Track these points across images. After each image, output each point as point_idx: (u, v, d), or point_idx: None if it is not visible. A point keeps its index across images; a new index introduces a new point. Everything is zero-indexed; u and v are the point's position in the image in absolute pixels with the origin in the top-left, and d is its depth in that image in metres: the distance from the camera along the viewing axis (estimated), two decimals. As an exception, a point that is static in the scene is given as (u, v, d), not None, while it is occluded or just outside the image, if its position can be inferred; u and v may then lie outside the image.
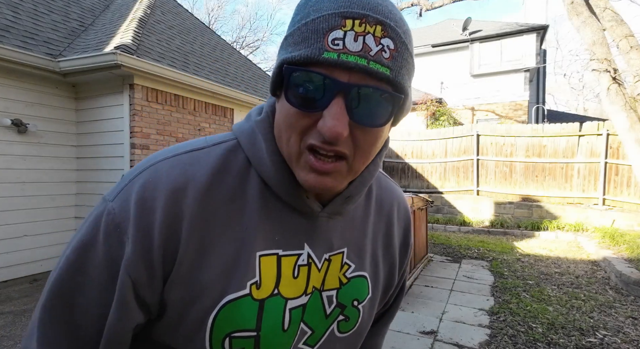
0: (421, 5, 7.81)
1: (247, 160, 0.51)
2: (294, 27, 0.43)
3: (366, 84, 0.40)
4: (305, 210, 0.51)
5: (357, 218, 0.59)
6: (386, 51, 0.40)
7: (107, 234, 0.44)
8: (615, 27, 4.49)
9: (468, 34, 13.34)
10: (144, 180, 0.46)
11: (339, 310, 0.56)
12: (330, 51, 0.39)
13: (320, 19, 0.40)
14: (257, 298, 0.48)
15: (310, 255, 0.52)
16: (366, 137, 0.43)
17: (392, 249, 0.65)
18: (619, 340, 2.90)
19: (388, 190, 0.66)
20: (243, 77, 6.79)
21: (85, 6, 5.89)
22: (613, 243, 5.69)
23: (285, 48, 0.43)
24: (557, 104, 27.19)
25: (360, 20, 0.39)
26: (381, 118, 0.43)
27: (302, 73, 0.40)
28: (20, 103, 4.12)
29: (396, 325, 3.13)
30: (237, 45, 24.22)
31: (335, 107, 0.40)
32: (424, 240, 5.20)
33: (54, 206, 4.47)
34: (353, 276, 0.57)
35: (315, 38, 0.40)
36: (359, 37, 0.39)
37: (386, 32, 0.40)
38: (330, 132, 0.40)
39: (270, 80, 0.46)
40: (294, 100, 0.42)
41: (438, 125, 11.67)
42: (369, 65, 0.39)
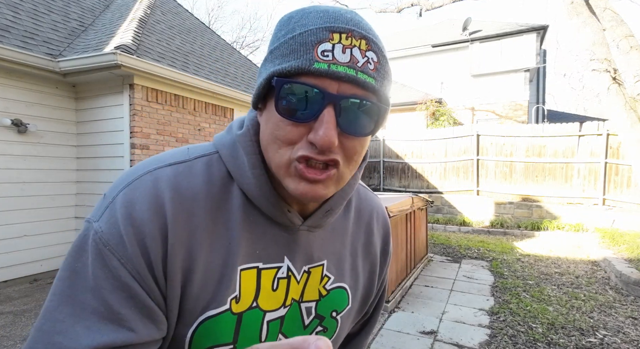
0: (421, 5, 7.80)
1: (228, 173, 0.51)
2: (278, 41, 0.44)
3: (354, 94, 0.42)
4: (286, 223, 0.52)
5: (337, 229, 0.60)
6: (371, 63, 0.43)
7: (96, 253, 0.42)
8: (615, 27, 4.48)
9: (468, 34, 13.33)
10: (127, 196, 0.45)
11: (317, 322, 0.56)
12: (321, 62, 0.41)
13: (307, 33, 0.42)
14: (235, 312, 0.48)
15: (290, 267, 0.53)
16: (353, 145, 0.45)
17: (372, 257, 0.66)
18: (619, 340, 2.90)
19: (367, 200, 0.67)
20: (243, 77, 6.79)
21: (85, 6, 5.89)
22: (613, 243, 5.69)
23: (271, 61, 0.44)
24: (557, 104, 27.19)
25: (346, 34, 0.42)
26: (367, 127, 0.45)
27: (293, 85, 0.42)
28: (20, 103, 4.12)
29: (396, 325, 3.13)
30: (237, 45, 24.22)
31: (326, 117, 0.41)
32: (424, 240, 5.20)
33: (54, 206, 4.47)
34: (332, 288, 0.58)
35: (304, 50, 0.41)
36: (346, 50, 0.41)
37: (370, 45, 0.43)
38: (323, 140, 0.41)
39: (255, 94, 0.47)
40: (285, 112, 0.42)
41: (438, 125, 11.67)
42: (357, 75, 0.41)
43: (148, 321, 0.43)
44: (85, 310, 0.41)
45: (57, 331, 0.40)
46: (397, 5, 8.54)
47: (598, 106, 19.62)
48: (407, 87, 13.75)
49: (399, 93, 13.19)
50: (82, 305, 0.41)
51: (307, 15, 0.44)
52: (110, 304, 0.41)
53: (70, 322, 0.40)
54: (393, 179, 10.07)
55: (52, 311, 0.41)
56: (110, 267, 0.42)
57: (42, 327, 0.41)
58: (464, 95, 13.26)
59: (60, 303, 0.41)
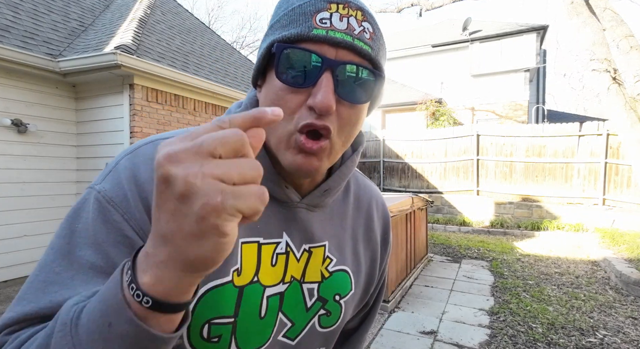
0: (421, 5, 7.80)
1: None
2: (278, 16, 0.46)
3: (351, 61, 0.44)
4: (284, 198, 0.52)
5: (336, 213, 0.60)
6: (367, 32, 0.45)
7: (99, 210, 0.43)
8: (615, 27, 4.48)
9: (468, 34, 13.33)
10: (130, 161, 0.46)
11: (320, 304, 0.56)
12: (319, 28, 0.42)
13: (306, 4, 0.44)
14: (237, 285, 0.48)
15: (289, 243, 0.53)
16: (349, 114, 0.46)
17: (373, 244, 0.66)
18: (619, 340, 2.90)
19: (366, 187, 0.67)
20: (243, 77, 6.79)
21: (85, 6, 5.89)
22: (613, 243, 5.69)
23: (272, 34, 0.46)
24: (557, 104, 27.20)
25: (343, 4, 0.44)
26: (363, 95, 0.46)
27: (293, 50, 0.43)
28: (20, 103, 4.12)
29: (396, 325, 3.13)
30: (237, 45, 24.23)
31: (325, 82, 0.42)
32: (424, 240, 5.20)
33: (54, 206, 4.47)
34: (335, 271, 0.58)
35: (303, 19, 0.43)
36: (343, 18, 0.43)
37: (365, 17, 0.45)
38: (322, 103, 0.42)
39: (255, 67, 0.48)
40: (285, 77, 0.44)
41: (438, 125, 11.67)
42: (354, 41, 0.43)
43: None
44: (84, 265, 0.40)
45: (52, 281, 0.39)
46: (397, 5, 8.54)
47: (598, 106, 19.62)
48: (407, 87, 13.75)
49: (399, 93, 13.19)
50: (80, 260, 0.41)
51: None
52: (112, 257, 0.41)
53: (67, 275, 0.40)
54: (393, 179, 10.07)
55: (48, 264, 0.41)
56: (112, 222, 0.42)
57: (36, 278, 0.40)
58: (464, 95, 13.26)
59: (57, 257, 0.41)
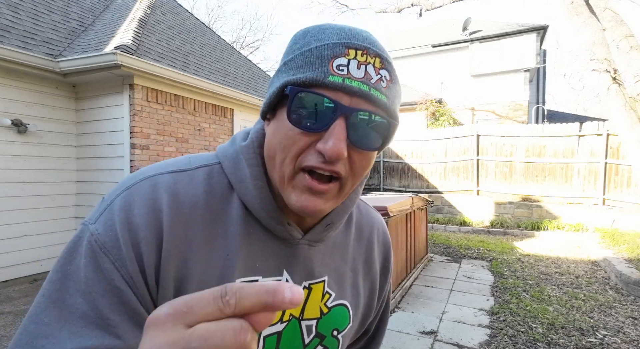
0: (421, 5, 7.80)
1: (229, 184, 0.51)
2: (293, 53, 0.45)
3: (366, 109, 0.43)
4: (286, 236, 0.51)
5: (337, 244, 0.59)
6: (384, 81, 0.44)
7: (91, 256, 0.42)
8: (615, 27, 4.48)
9: (468, 34, 13.33)
10: (125, 200, 0.45)
11: (317, 341, 0.55)
12: (335, 75, 0.41)
13: (324, 47, 0.43)
14: None
15: (289, 281, 0.52)
16: (361, 159, 0.46)
17: (373, 274, 0.65)
18: (619, 340, 2.90)
19: (367, 216, 0.67)
20: (243, 77, 6.79)
21: (85, 6, 5.89)
22: (613, 243, 5.69)
23: (286, 72, 0.45)
24: (557, 104, 27.20)
25: (362, 51, 0.43)
26: (376, 142, 0.45)
27: (307, 94, 0.42)
28: (20, 103, 4.12)
29: (396, 325, 3.13)
30: (237, 45, 24.22)
31: (337, 128, 0.42)
32: (424, 240, 5.20)
33: (54, 206, 4.47)
34: (334, 306, 0.57)
35: (320, 63, 0.42)
36: (361, 66, 0.42)
37: (384, 64, 0.44)
38: (332, 151, 0.41)
39: (265, 103, 0.47)
40: (296, 120, 0.43)
41: (438, 125, 11.67)
42: (370, 91, 0.42)
43: (136, 328, 0.41)
44: (73, 314, 0.40)
45: (41, 335, 0.39)
46: (397, 5, 8.55)
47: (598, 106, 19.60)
48: (407, 87, 13.75)
49: (399, 93, 13.17)
50: (70, 309, 0.40)
51: (323, 31, 0.45)
52: (100, 309, 0.40)
53: (56, 326, 0.39)
54: (393, 179, 10.07)
55: (38, 314, 0.40)
56: (103, 270, 0.41)
57: (26, 329, 0.40)
58: (464, 95, 13.26)
59: (47, 306, 0.41)
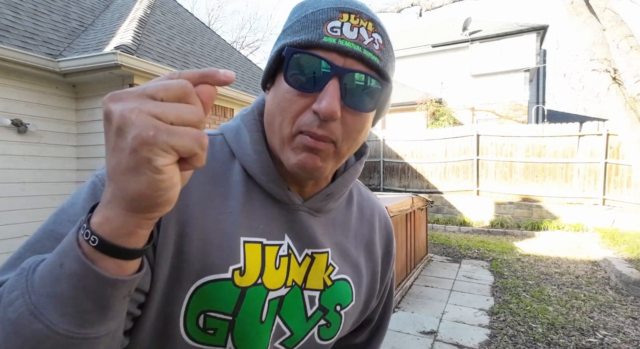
0: (421, 5, 7.80)
1: (231, 152, 0.53)
2: (291, 21, 0.47)
3: (359, 70, 0.44)
4: (286, 201, 0.52)
5: (339, 221, 0.59)
6: (376, 43, 0.45)
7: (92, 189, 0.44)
8: (615, 27, 4.48)
9: (468, 34, 13.33)
10: None
11: (320, 314, 0.55)
12: (329, 36, 0.43)
13: (319, 12, 0.45)
14: (239, 285, 0.47)
15: (290, 246, 0.53)
16: (354, 121, 0.46)
17: (374, 256, 0.64)
18: (619, 340, 2.91)
19: (369, 199, 0.67)
20: (243, 77, 6.79)
21: (85, 6, 5.89)
22: (613, 243, 5.69)
23: (283, 38, 0.47)
24: (557, 104, 27.21)
25: (355, 15, 0.44)
26: (369, 104, 0.46)
27: (303, 55, 0.44)
28: (20, 103, 4.12)
29: (396, 325, 3.13)
30: (237, 45, 24.23)
31: (331, 88, 0.43)
32: (424, 240, 5.20)
33: (54, 207, 4.46)
34: (337, 279, 0.57)
35: (314, 26, 0.44)
36: (354, 28, 0.44)
37: (376, 28, 0.46)
38: (327, 109, 0.42)
39: (265, 70, 0.49)
40: (293, 81, 0.44)
41: (438, 125, 11.67)
42: (362, 51, 0.44)
43: None
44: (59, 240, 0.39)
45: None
46: (397, 5, 8.54)
47: (598, 106, 19.61)
48: (407, 87, 13.75)
49: (399, 93, 13.18)
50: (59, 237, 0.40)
51: (320, 0, 0.46)
52: None
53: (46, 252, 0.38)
54: (393, 179, 10.07)
55: (32, 243, 0.43)
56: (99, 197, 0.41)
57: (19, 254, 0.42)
58: (464, 95, 13.26)
59: (41, 237, 0.43)
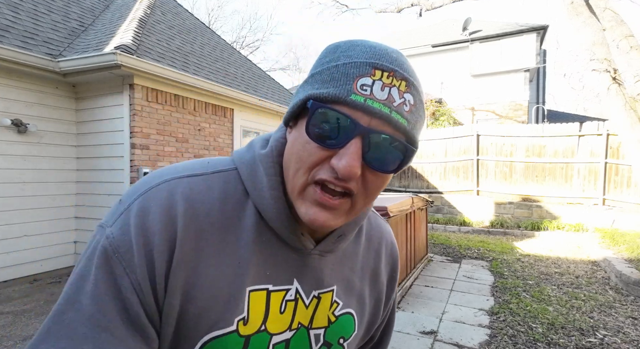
0: (421, 5, 7.80)
1: (245, 191, 0.51)
2: (322, 67, 0.45)
3: (384, 131, 0.43)
4: (299, 246, 0.52)
5: (348, 254, 0.60)
6: (407, 105, 0.43)
7: (105, 259, 0.43)
8: (615, 27, 4.48)
9: (468, 34, 13.33)
10: (142, 205, 0.46)
11: (325, 348, 0.56)
12: (358, 94, 0.41)
13: (351, 65, 0.43)
14: (243, 334, 0.47)
15: (299, 290, 0.53)
16: (375, 180, 0.45)
17: (379, 285, 0.65)
18: (619, 340, 2.90)
19: (377, 227, 0.67)
20: (243, 77, 6.79)
21: (85, 6, 5.89)
22: (613, 243, 5.69)
23: (311, 84, 0.45)
24: (557, 104, 27.21)
25: (388, 73, 0.43)
26: (391, 165, 0.45)
27: (328, 111, 0.42)
28: (20, 103, 4.12)
29: (396, 325, 3.13)
30: (237, 45, 24.23)
31: (353, 147, 0.42)
32: (424, 240, 5.20)
33: (54, 206, 4.47)
34: (341, 314, 0.58)
35: (344, 80, 0.42)
36: (385, 88, 0.42)
37: (409, 88, 0.44)
38: (346, 169, 0.41)
39: (289, 111, 0.48)
40: (314, 135, 0.43)
41: (438, 125, 11.67)
42: (391, 114, 0.42)
43: (138, 336, 0.43)
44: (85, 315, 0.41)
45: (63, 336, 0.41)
46: (397, 5, 8.54)
47: (598, 106, 19.61)
48: (407, 87, 13.74)
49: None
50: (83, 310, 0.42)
51: (354, 47, 0.44)
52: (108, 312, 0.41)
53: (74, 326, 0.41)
54: (393, 179, 10.07)
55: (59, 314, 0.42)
56: (114, 274, 0.43)
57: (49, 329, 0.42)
58: (464, 95, 13.26)
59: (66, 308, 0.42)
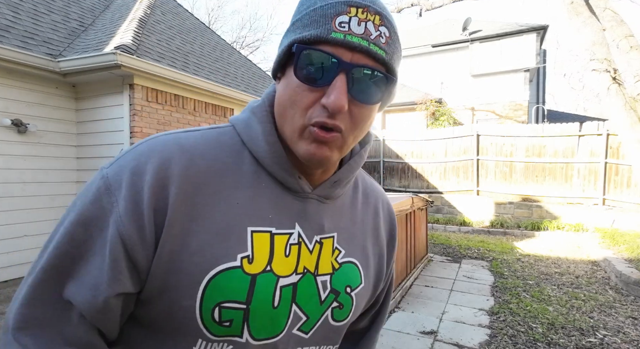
0: (421, 5, 7.80)
1: (242, 141, 0.55)
2: (300, 14, 0.48)
3: (365, 64, 0.46)
4: (297, 189, 0.55)
5: (346, 206, 0.62)
6: (383, 37, 0.47)
7: (98, 196, 0.47)
8: (615, 27, 4.48)
9: (468, 34, 13.33)
10: (139, 150, 0.50)
11: (333, 296, 0.57)
12: (337, 32, 0.45)
13: (327, 6, 0.46)
14: (248, 273, 0.49)
15: (301, 234, 0.54)
16: (360, 112, 0.48)
17: (380, 240, 0.67)
18: (619, 340, 2.91)
19: (372, 187, 0.70)
20: (243, 77, 6.79)
21: (85, 6, 5.89)
22: (613, 243, 5.69)
23: (293, 31, 0.48)
24: (557, 104, 27.21)
25: (362, 9, 0.46)
26: (374, 96, 0.48)
27: (312, 51, 0.45)
28: (20, 103, 4.12)
29: (396, 325, 3.13)
30: (237, 45, 24.22)
31: (338, 83, 0.45)
32: (424, 240, 5.20)
33: (54, 206, 4.47)
34: (344, 262, 0.59)
35: (323, 21, 0.45)
36: (361, 22, 0.45)
37: (383, 21, 0.47)
38: (335, 104, 0.45)
39: (275, 62, 0.51)
40: (302, 76, 0.46)
41: (438, 125, 11.67)
42: (369, 46, 0.45)
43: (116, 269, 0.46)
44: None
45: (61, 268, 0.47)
46: (397, 6, 8.54)
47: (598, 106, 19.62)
48: (407, 87, 13.75)
49: (399, 93, 13.17)
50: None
51: None
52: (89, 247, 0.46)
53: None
54: (393, 179, 10.07)
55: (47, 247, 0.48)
56: (103, 209, 0.47)
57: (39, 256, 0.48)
58: (464, 95, 13.26)
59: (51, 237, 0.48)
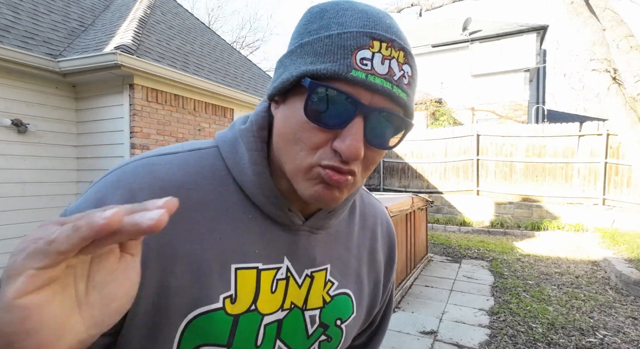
0: (421, 5, 7.80)
1: (227, 168, 0.49)
2: (310, 36, 0.42)
3: (385, 108, 0.41)
4: (287, 222, 0.50)
5: (341, 233, 0.58)
6: (406, 77, 0.42)
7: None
8: (615, 27, 4.48)
9: (468, 34, 13.34)
10: (105, 181, 0.45)
11: (321, 330, 0.54)
12: (359, 70, 0.39)
13: (347, 36, 0.40)
14: (231, 313, 0.46)
15: (289, 268, 0.51)
16: (373, 155, 0.45)
17: (377, 265, 0.63)
18: (619, 340, 2.91)
19: (371, 205, 0.65)
20: (243, 77, 6.79)
21: (85, 6, 5.89)
22: (613, 243, 5.69)
23: (301, 57, 0.42)
24: (557, 104, 27.23)
25: (387, 43, 0.40)
26: (391, 141, 0.45)
27: (327, 90, 0.40)
28: (20, 103, 4.12)
29: (396, 325, 3.13)
30: (237, 45, 24.22)
31: (355, 128, 0.40)
32: (424, 240, 5.20)
33: (54, 206, 4.47)
34: (336, 294, 0.55)
35: (342, 54, 0.39)
36: (385, 60, 0.40)
37: (407, 58, 0.42)
38: (350, 151, 0.40)
39: (275, 86, 0.44)
40: (313, 115, 0.41)
41: (438, 125, 11.68)
42: (392, 89, 0.40)
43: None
44: None
45: None
46: (397, 5, 8.54)
47: (598, 106, 19.62)
48: (407, 87, 13.74)
49: (399, 93, 13.18)
50: None
51: (344, 13, 0.42)
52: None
53: None
54: (393, 179, 10.07)
55: None
56: None
57: None
58: (464, 95, 13.26)
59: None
